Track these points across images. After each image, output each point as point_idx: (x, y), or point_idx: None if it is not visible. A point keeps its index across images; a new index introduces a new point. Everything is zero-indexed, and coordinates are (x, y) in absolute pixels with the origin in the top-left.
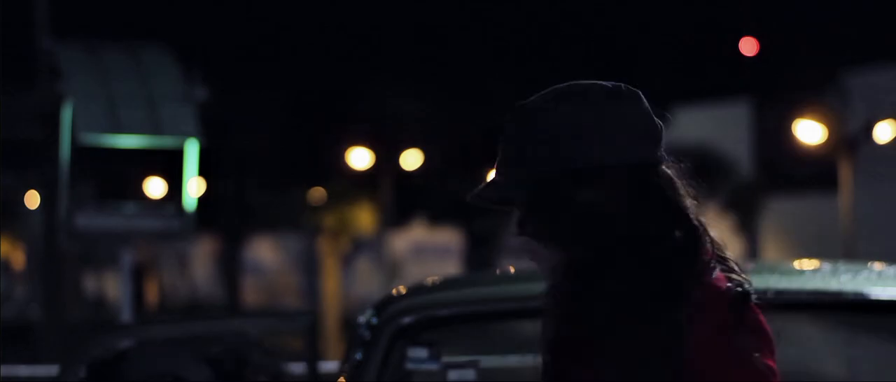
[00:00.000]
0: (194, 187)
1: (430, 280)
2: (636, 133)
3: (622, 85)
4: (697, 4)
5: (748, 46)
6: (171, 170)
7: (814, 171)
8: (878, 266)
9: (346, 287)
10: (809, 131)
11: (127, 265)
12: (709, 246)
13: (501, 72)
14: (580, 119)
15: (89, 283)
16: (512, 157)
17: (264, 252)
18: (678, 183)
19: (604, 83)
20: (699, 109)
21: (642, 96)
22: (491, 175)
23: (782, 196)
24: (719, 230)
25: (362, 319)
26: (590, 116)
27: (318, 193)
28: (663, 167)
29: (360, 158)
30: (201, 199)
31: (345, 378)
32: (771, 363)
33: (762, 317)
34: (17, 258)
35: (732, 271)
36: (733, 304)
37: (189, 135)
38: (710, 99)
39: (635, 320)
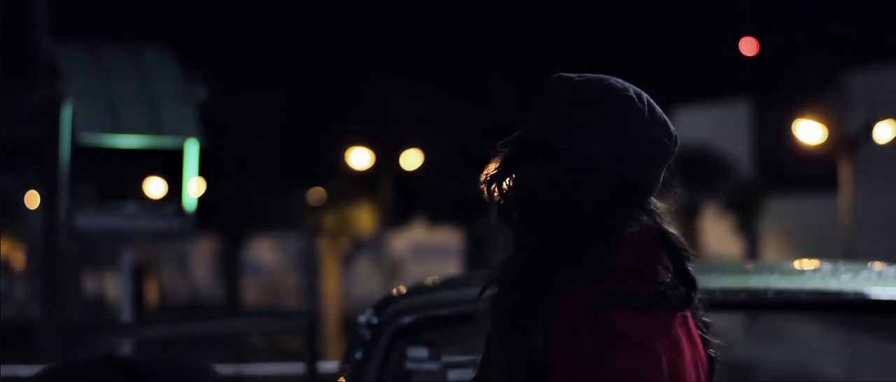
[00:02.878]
0: (194, 187)
1: (430, 280)
2: (624, 147)
3: (656, 109)
4: (697, 4)
5: (748, 46)
6: (171, 170)
7: (814, 171)
8: (878, 266)
9: (346, 287)
10: (809, 131)
11: (127, 265)
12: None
13: (501, 72)
14: (581, 114)
15: (89, 283)
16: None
17: (264, 252)
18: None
19: (638, 92)
20: (699, 109)
21: (668, 127)
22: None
23: (782, 196)
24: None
25: (362, 319)
26: (592, 115)
27: (318, 193)
28: (642, 191)
29: (360, 158)
30: (201, 199)
31: (345, 378)
32: (632, 367)
33: (636, 324)
34: (17, 258)
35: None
36: (590, 313)
37: (189, 135)
38: (710, 99)
39: (511, 327)
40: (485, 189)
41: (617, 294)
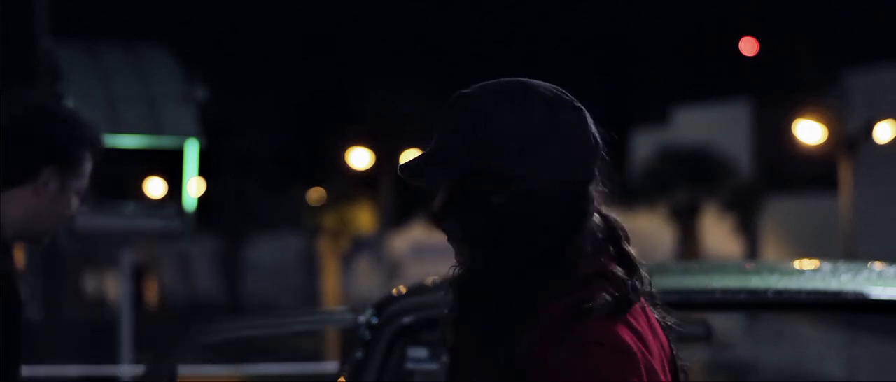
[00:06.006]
0: (194, 187)
1: (430, 280)
2: (568, 150)
3: (565, 95)
4: (697, 4)
5: (748, 46)
6: (171, 170)
7: (814, 171)
8: (878, 266)
9: (346, 287)
10: (809, 131)
11: (127, 265)
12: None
13: (502, 73)
14: (520, 129)
15: (89, 283)
16: (444, 148)
17: (264, 252)
18: (588, 204)
19: (546, 90)
20: (699, 109)
21: (583, 111)
22: (422, 152)
23: (782, 196)
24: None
25: (362, 319)
26: (529, 127)
27: (318, 193)
28: (590, 187)
29: (360, 158)
30: (201, 199)
31: (345, 378)
32: (613, 374)
33: (611, 331)
34: (17, 258)
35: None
36: (563, 321)
37: (189, 135)
38: (710, 99)
39: (492, 335)
40: (438, 222)
41: (587, 303)
